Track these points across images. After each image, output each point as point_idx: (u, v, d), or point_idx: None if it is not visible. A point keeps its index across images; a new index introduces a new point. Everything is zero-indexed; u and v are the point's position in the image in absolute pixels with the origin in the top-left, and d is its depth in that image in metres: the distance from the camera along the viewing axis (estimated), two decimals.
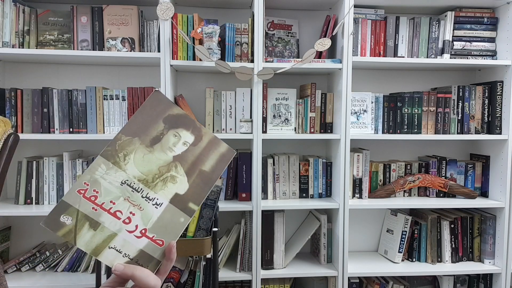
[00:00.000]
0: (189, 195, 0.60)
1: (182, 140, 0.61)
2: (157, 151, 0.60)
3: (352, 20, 1.84)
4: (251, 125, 1.86)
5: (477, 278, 2.10)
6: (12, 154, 1.03)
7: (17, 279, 1.80)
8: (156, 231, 0.58)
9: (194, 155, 0.61)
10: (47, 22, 1.83)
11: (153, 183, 0.59)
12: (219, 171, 0.61)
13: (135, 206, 0.58)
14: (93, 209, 0.56)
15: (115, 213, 0.57)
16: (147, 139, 0.60)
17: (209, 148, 0.62)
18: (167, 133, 0.60)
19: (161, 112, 0.61)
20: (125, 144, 0.58)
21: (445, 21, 1.96)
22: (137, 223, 0.57)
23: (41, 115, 1.83)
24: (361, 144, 2.16)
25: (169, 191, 0.59)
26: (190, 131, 0.61)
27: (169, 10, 1.75)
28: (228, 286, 2.02)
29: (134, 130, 0.59)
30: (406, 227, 2.01)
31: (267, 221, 1.89)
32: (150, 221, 0.58)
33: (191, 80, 2.09)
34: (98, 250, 0.56)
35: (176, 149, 0.60)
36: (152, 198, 0.58)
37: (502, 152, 1.96)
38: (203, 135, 0.62)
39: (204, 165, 0.61)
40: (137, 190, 0.58)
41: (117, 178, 0.57)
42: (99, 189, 0.57)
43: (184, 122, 0.61)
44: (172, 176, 0.59)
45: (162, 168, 0.59)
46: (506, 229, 1.95)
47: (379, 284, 2.03)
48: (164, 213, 0.58)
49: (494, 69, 2.04)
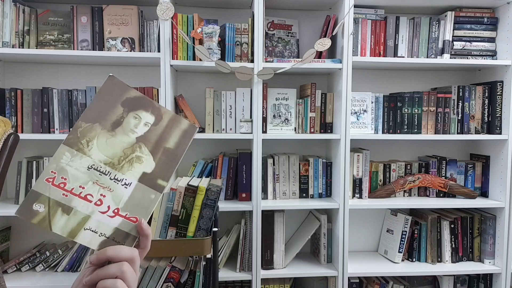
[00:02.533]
0: (156, 172, 0.62)
1: (143, 121, 0.63)
2: (119, 134, 0.61)
3: (352, 20, 1.84)
4: (251, 125, 1.86)
5: (477, 278, 2.10)
6: (12, 154, 1.02)
7: (17, 279, 1.80)
8: (128, 209, 0.60)
9: (157, 134, 0.63)
10: (47, 22, 1.83)
11: (119, 165, 0.61)
12: (184, 147, 0.64)
13: (105, 188, 0.60)
14: (64, 195, 0.58)
15: (86, 197, 0.59)
16: (108, 124, 0.61)
17: (170, 126, 0.63)
18: (127, 116, 0.62)
19: (118, 96, 0.62)
20: (86, 130, 0.60)
21: (445, 21, 1.96)
22: (109, 204, 0.60)
23: (41, 115, 1.83)
24: (361, 144, 2.16)
25: (137, 171, 0.61)
26: (150, 111, 0.63)
27: (169, 10, 1.75)
28: (228, 286, 2.02)
29: (94, 117, 0.61)
30: (406, 227, 2.01)
31: (267, 221, 1.89)
32: (122, 200, 0.60)
33: (191, 80, 2.09)
34: (74, 233, 0.58)
35: (138, 130, 0.62)
36: (121, 179, 0.61)
37: (502, 152, 1.96)
38: (163, 114, 0.63)
39: (168, 143, 0.63)
40: (104, 173, 0.60)
41: (83, 164, 0.59)
42: (66, 176, 0.59)
43: (142, 104, 0.63)
44: (138, 157, 0.62)
45: (126, 150, 0.61)
46: (506, 229, 1.95)
47: (379, 284, 2.03)
48: (134, 192, 0.61)
49: (494, 69, 2.04)
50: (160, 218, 1.35)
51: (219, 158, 1.93)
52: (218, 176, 1.93)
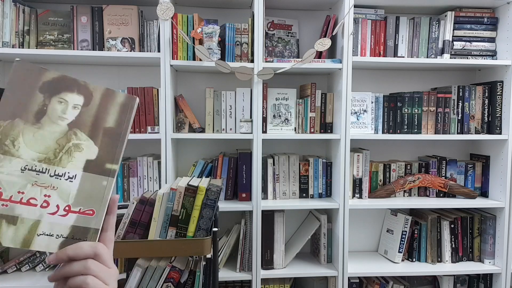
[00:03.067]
0: (102, 157, 0.56)
1: (71, 104, 0.55)
2: (47, 124, 0.54)
3: (352, 20, 1.84)
4: (251, 125, 1.86)
5: (477, 278, 2.10)
6: None
7: (17, 279, 1.80)
8: (81, 203, 0.55)
9: (91, 115, 0.56)
10: (47, 22, 1.83)
11: (56, 159, 0.54)
12: (126, 123, 0.57)
13: (47, 188, 0.54)
14: (4, 206, 0.53)
15: (29, 202, 0.53)
16: (30, 116, 0.54)
17: (105, 103, 0.56)
18: (50, 102, 0.55)
19: (33, 82, 0.54)
20: (7, 129, 0.53)
21: (445, 21, 1.96)
22: (57, 203, 0.54)
23: None
24: (361, 144, 2.16)
25: (78, 160, 0.55)
26: (76, 91, 0.56)
27: (169, 10, 1.75)
28: (228, 286, 2.02)
29: (11, 112, 0.53)
30: (406, 227, 2.01)
31: (267, 221, 1.89)
32: (70, 196, 0.55)
33: (191, 80, 2.09)
34: (27, 242, 0.53)
35: (68, 115, 0.55)
36: (62, 173, 0.55)
37: (502, 152, 1.96)
38: (92, 91, 0.56)
39: (107, 122, 0.56)
40: (42, 171, 0.54)
41: (14, 167, 0.53)
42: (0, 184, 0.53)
43: (65, 85, 0.55)
44: (76, 145, 0.55)
45: (60, 140, 0.55)
46: (506, 229, 1.95)
47: (379, 284, 2.03)
48: (82, 184, 0.55)
49: (494, 69, 2.04)
50: (160, 218, 1.35)
51: (219, 158, 1.93)
52: (218, 176, 1.93)
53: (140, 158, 1.92)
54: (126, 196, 1.92)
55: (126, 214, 1.35)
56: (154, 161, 1.92)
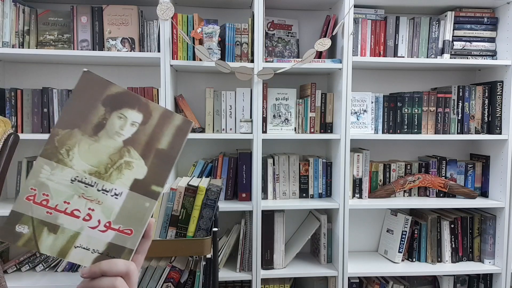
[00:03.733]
0: (149, 178, 0.55)
1: (129, 121, 0.55)
2: (104, 138, 0.54)
3: (352, 20, 1.84)
4: (251, 125, 1.86)
5: (477, 278, 2.10)
6: (12, 154, 1.02)
7: (17, 279, 1.80)
8: (121, 221, 0.55)
9: (147, 135, 0.55)
10: (47, 22, 1.83)
11: (107, 174, 0.54)
12: (178, 146, 0.56)
13: (93, 202, 0.54)
14: (48, 213, 0.53)
15: (72, 213, 0.53)
16: (89, 127, 0.54)
17: (162, 124, 0.56)
18: (110, 116, 0.54)
19: (97, 95, 0.54)
20: (64, 138, 0.53)
21: (445, 21, 1.96)
22: (99, 218, 0.54)
23: (41, 115, 1.83)
24: (361, 144, 2.16)
25: (127, 178, 0.55)
26: (136, 109, 0.55)
27: (169, 10, 1.75)
28: (228, 286, 2.02)
29: (71, 121, 0.53)
30: (406, 227, 2.01)
31: (267, 221, 1.89)
32: (113, 213, 0.54)
33: (191, 80, 2.09)
34: (64, 252, 0.53)
35: (125, 132, 0.55)
36: (110, 189, 0.54)
37: (502, 152, 1.96)
38: (152, 111, 0.56)
39: (160, 143, 0.56)
40: (90, 184, 0.54)
41: (65, 176, 0.53)
42: (48, 192, 0.53)
43: (127, 101, 0.55)
44: (127, 162, 0.55)
45: (113, 156, 0.54)
46: (506, 229, 1.95)
47: (379, 284, 2.03)
48: (126, 202, 0.55)
49: (494, 69, 2.04)
50: (160, 218, 1.35)
51: (219, 158, 1.93)
52: (218, 176, 1.93)
53: None
54: None
55: None
56: None
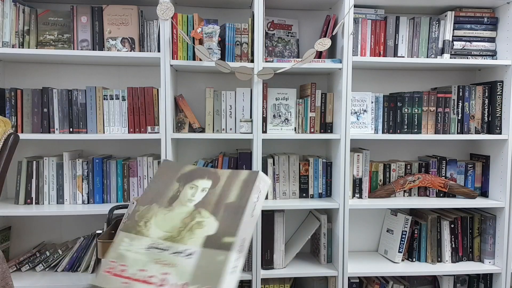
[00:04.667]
0: (221, 231, 0.57)
1: (200, 188, 0.60)
2: (177, 207, 0.59)
3: (352, 20, 1.84)
4: (251, 125, 1.86)
5: (477, 278, 2.10)
6: (12, 154, 1.03)
7: (17, 279, 1.80)
8: (198, 280, 0.54)
9: (216, 195, 0.59)
10: (47, 22, 1.83)
11: (179, 237, 0.57)
12: (247, 195, 0.58)
13: (166, 265, 0.55)
14: (124, 283, 0.54)
15: (146, 280, 0.54)
16: (165, 201, 0.59)
17: (229, 183, 0.60)
18: (183, 189, 0.60)
19: (173, 175, 0.60)
20: (143, 213, 0.58)
21: (445, 21, 1.96)
22: (175, 281, 0.54)
23: (41, 115, 1.83)
24: (361, 144, 2.16)
25: (198, 236, 0.57)
26: (206, 178, 0.60)
27: (169, 10, 1.75)
28: None
29: (151, 198, 0.59)
30: (406, 227, 2.01)
31: (267, 221, 1.89)
32: (187, 273, 0.54)
33: (191, 80, 2.09)
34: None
35: (196, 198, 0.59)
36: (182, 250, 0.56)
37: (502, 152, 1.96)
38: (220, 176, 0.61)
39: (229, 198, 0.59)
40: (164, 249, 0.56)
41: (142, 245, 0.56)
42: (126, 262, 0.55)
43: (198, 174, 0.61)
44: (198, 222, 0.58)
45: (185, 219, 0.58)
46: (506, 229, 1.95)
47: (379, 284, 2.03)
48: (199, 260, 0.55)
49: (494, 69, 2.04)
50: None
51: (219, 158, 1.93)
52: None
53: (140, 158, 1.92)
54: (126, 196, 1.92)
55: (126, 214, 1.35)
56: (154, 161, 1.92)
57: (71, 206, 1.84)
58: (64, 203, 1.87)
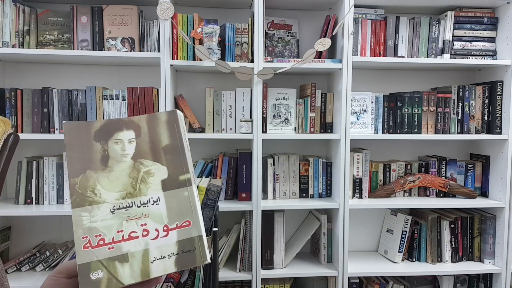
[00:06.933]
0: (173, 172, 0.59)
1: (126, 140, 0.60)
2: (115, 165, 0.59)
3: (352, 20, 1.84)
4: (251, 125, 1.86)
5: (477, 278, 2.10)
6: (12, 154, 1.03)
7: (17, 279, 1.80)
8: (175, 219, 0.58)
9: (147, 142, 0.60)
10: (47, 22, 1.83)
11: (136, 191, 0.58)
12: (178, 134, 0.61)
13: (140, 218, 0.57)
14: (110, 249, 0.56)
15: (130, 236, 0.57)
16: (97, 164, 0.58)
17: (152, 127, 0.61)
18: (108, 146, 0.59)
19: (86, 136, 0.59)
20: (82, 183, 0.58)
21: (445, 21, 1.96)
22: (155, 227, 0.57)
23: (41, 115, 1.83)
24: (361, 144, 2.16)
25: (155, 183, 0.59)
26: (125, 128, 0.60)
27: (169, 10, 1.75)
28: (228, 286, 2.02)
29: (80, 167, 0.58)
30: (406, 227, 2.01)
31: (267, 221, 1.89)
32: (163, 217, 0.58)
33: (191, 80, 2.09)
34: (145, 272, 0.56)
35: (128, 151, 0.60)
36: (147, 200, 0.58)
37: (502, 152, 1.96)
38: (138, 123, 0.61)
39: (162, 142, 0.60)
40: (129, 206, 0.58)
41: (104, 212, 0.57)
42: (99, 232, 0.56)
43: (114, 127, 0.60)
44: (146, 172, 0.59)
45: (132, 174, 0.59)
46: (506, 229, 1.95)
47: (379, 284, 2.03)
48: (168, 202, 0.58)
49: (494, 69, 2.04)
50: None
51: (219, 158, 1.93)
52: (218, 176, 1.93)
53: None
54: None
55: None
56: None
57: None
58: (64, 203, 1.87)
